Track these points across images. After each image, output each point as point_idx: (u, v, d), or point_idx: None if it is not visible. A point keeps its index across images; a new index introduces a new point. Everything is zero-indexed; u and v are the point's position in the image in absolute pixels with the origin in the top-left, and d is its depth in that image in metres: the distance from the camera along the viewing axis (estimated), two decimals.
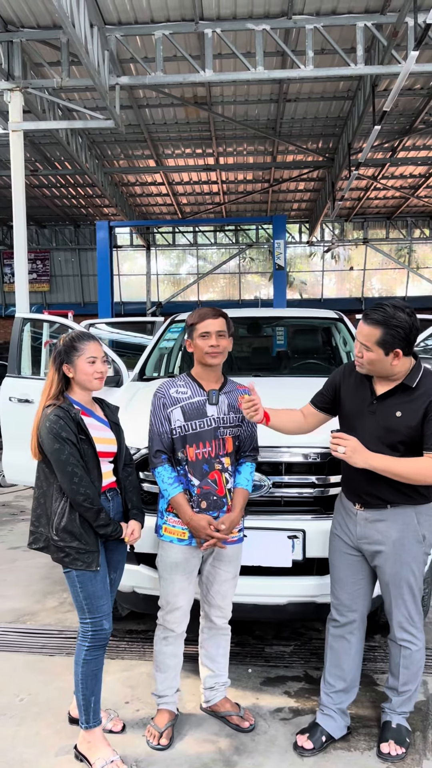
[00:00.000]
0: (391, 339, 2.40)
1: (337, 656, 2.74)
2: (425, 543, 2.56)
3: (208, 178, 15.50)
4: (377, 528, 2.56)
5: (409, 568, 2.55)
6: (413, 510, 2.53)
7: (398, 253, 20.60)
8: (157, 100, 10.97)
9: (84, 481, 2.47)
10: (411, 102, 11.15)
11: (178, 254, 21.47)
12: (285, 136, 12.65)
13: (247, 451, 2.81)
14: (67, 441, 2.46)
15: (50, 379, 2.62)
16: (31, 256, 20.36)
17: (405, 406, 2.47)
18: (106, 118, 8.91)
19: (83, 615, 2.57)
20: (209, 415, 2.69)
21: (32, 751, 2.67)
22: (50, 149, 13.27)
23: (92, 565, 2.51)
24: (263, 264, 20.73)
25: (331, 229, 20.38)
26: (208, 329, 2.67)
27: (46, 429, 2.48)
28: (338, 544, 2.72)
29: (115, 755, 2.54)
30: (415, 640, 2.62)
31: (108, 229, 14.14)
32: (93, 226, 14.89)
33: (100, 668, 2.61)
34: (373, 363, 2.47)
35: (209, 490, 2.68)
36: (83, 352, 2.59)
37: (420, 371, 2.50)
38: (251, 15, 8.19)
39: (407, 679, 2.65)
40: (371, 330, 2.42)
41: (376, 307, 2.45)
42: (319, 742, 2.66)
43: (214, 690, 2.90)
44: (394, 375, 2.50)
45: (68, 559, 2.51)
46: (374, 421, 2.53)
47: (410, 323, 2.40)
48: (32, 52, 8.91)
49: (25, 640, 3.68)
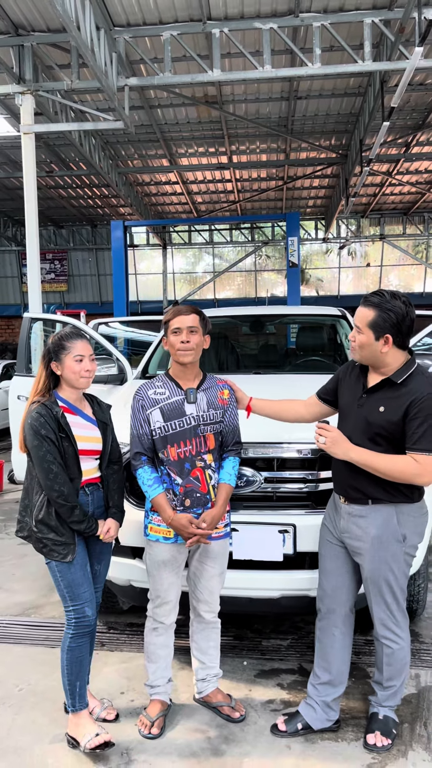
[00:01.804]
0: (382, 322, 2.44)
1: (324, 649, 2.78)
2: (405, 543, 2.56)
3: (222, 176, 15.54)
4: (358, 523, 2.59)
5: (388, 567, 2.56)
6: (394, 509, 2.54)
7: (415, 249, 20.43)
8: (169, 100, 11.04)
9: (59, 477, 2.54)
10: (423, 97, 11.07)
11: (194, 252, 21.53)
12: (297, 133, 12.64)
13: (230, 446, 2.84)
14: (46, 438, 2.54)
15: (38, 376, 2.70)
16: (50, 257, 20.60)
17: (389, 401, 2.49)
18: (116, 120, 9.00)
19: (66, 603, 2.66)
20: (188, 414, 2.72)
21: (27, 738, 2.75)
22: (65, 150, 13.42)
23: (67, 556, 2.59)
24: (279, 261, 20.69)
25: (347, 226, 20.29)
26: (179, 325, 2.70)
27: (28, 425, 2.58)
28: (325, 534, 2.77)
29: (101, 730, 2.63)
30: (397, 638, 2.64)
31: (123, 228, 14.28)
32: (109, 225, 15.00)
33: (85, 655, 2.70)
34: (363, 347, 2.51)
35: (192, 487, 2.72)
36: (71, 350, 2.66)
37: (411, 368, 2.51)
38: (259, 14, 8.22)
39: (391, 675, 2.68)
40: (366, 312, 2.48)
41: (375, 292, 2.52)
42: (293, 728, 2.73)
43: (206, 681, 2.96)
44: (384, 365, 2.52)
45: (45, 549, 2.61)
46: (360, 414, 2.57)
47: (404, 311, 2.44)
48: (43, 55, 9.04)
49: (28, 633, 3.78)
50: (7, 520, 6.32)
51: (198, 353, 2.76)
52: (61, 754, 2.65)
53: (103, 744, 2.59)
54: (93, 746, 2.58)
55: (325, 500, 3.06)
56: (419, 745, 2.68)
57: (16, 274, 21.16)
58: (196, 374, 2.81)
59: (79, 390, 2.74)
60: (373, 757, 2.60)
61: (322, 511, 3.03)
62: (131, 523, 3.07)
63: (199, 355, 2.78)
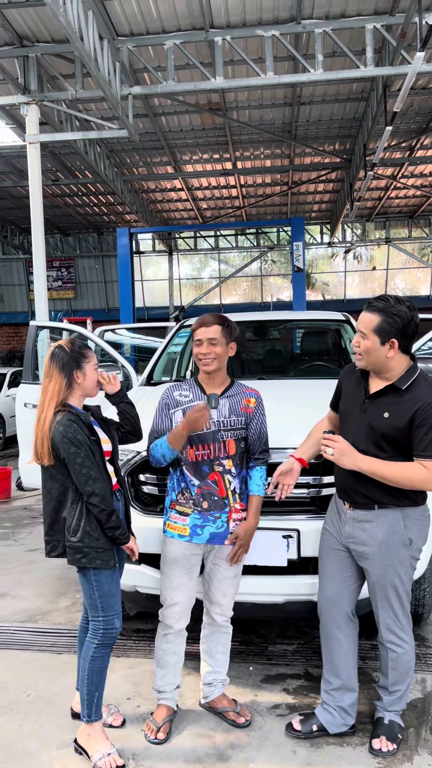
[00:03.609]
0: (388, 327, 2.45)
1: (330, 653, 2.78)
2: (412, 547, 2.58)
3: (227, 182, 15.60)
4: (364, 528, 2.59)
5: (395, 571, 2.57)
6: (400, 512, 2.55)
7: (421, 252, 20.41)
8: (173, 108, 11.10)
9: (99, 483, 2.55)
10: (426, 101, 11.09)
11: (200, 258, 21.59)
12: (301, 138, 12.68)
13: (257, 454, 2.87)
14: (84, 444, 2.55)
15: (58, 386, 2.63)
16: (56, 264, 20.71)
17: (393, 407, 2.50)
18: (120, 128, 9.07)
19: (96, 613, 2.64)
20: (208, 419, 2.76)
21: (34, 744, 2.77)
22: (70, 159, 13.51)
23: (110, 562, 2.60)
24: (285, 266, 20.70)
25: (352, 230, 20.30)
26: (199, 337, 2.76)
27: (60, 434, 2.53)
28: (328, 540, 2.77)
29: (112, 748, 2.63)
30: (402, 642, 2.64)
31: (128, 235, 14.33)
32: (115, 233, 15.07)
33: (106, 665, 2.69)
34: (369, 352, 2.51)
35: (210, 490, 2.77)
36: (90, 358, 2.71)
37: (414, 374, 2.52)
38: (261, 21, 8.27)
39: (396, 679, 2.68)
40: (371, 317, 2.49)
41: (379, 297, 2.52)
42: (308, 729, 2.73)
43: (213, 686, 2.97)
44: (389, 370, 2.53)
45: (86, 559, 2.57)
46: (364, 420, 2.57)
47: (409, 315, 2.45)
48: (48, 66, 9.13)
49: (35, 639, 3.80)
50: (16, 527, 6.36)
51: (221, 361, 2.79)
52: (67, 759, 2.67)
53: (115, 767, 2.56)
54: (105, 767, 2.56)
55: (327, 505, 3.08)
56: (425, 749, 2.68)
57: (24, 282, 21.29)
58: (222, 381, 2.85)
59: (90, 397, 2.78)
60: (379, 761, 2.60)
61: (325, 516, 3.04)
62: (137, 530, 3.09)
63: (224, 362, 2.81)
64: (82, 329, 5.70)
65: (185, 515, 2.79)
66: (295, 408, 3.66)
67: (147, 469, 3.32)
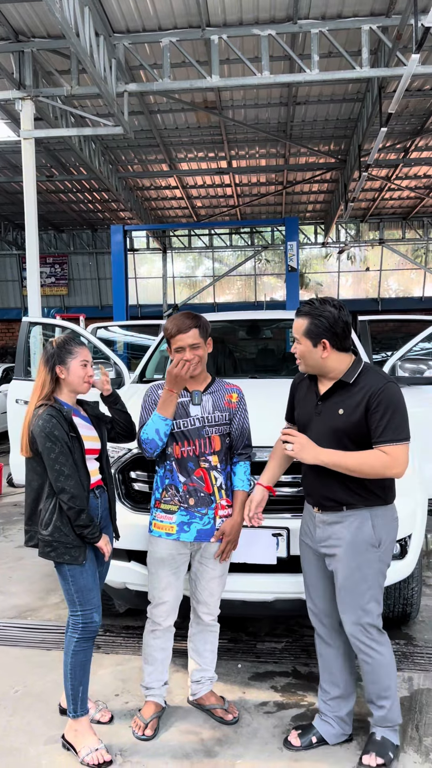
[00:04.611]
0: (315, 329, 2.49)
1: (326, 662, 2.75)
2: (381, 549, 2.53)
3: (222, 181, 15.60)
4: (333, 530, 2.56)
5: (361, 574, 2.51)
6: (369, 512, 2.52)
7: (415, 254, 20.48)
8: (168, 106, 11.09)
9: (71, 480, 2.56)
10: (421, 102, 11.13)
11: (194, 257, 21.59)
12: (296, 138, 12.69)
13: (240, 449, 2.88)
14: (60, 440, 2.56)
15: (42, 380, 2.72)
16: (50, 261, 20.66)
17: (346, 402, 2.51)
18: (115, 125, 9.05)
19: (74, 608, 2.66)
20: (192, 415, 2.78)
21: (22, 739, 2.78)
22: (65, 155, 13.48)
23: (78, 558, 2.60)
24: (279, 265, 20.74)
25: (346, 230, 20.35)
26: (180, 344, 2.72)
27: (39, 428, 2.57)
28: (305, 550, 2.74)
29: (100, 744, 2.63)
30: (373, 653, 2.55)
31: (123, 233, 14.32)
32: (109, 230, 15.05)
33: (89, 659, 2.71)
34: (304, 356, 2.56)
35: (196, 487, 2.77)
36: (77, 355, 2.71)
37: (359, 367, 2.55)
38: (257, 20, 8.27)
39: (379, 693, 2.59)
40: (299, 321, 2.55)
41: (306, 301, 2.59)
42: (307, 742, 2.68)
43: (201, 684, 2.98)
44: (330, 371, 2.55)
45: (55, 553, 2.60)
46: (320, 422, 2.57)
47: (335, 315, 2.49)
48: (43, 61, 9.10)
49: (24, 635, 3.80)
50: (6, 523, 6.35)
51: (203, 362, 2.80)
52: (55, 755, 2.67)
53: (101, 763, 2.58)
54: (92, 762, 2.57)
55: None
56: (410, 747, 2.70)
57: (17, 277, 21.23)
58: (204, 378, 2.86)
59: (79, 394, 2.78)
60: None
61: None
62: (127, 527, 3.11)
63: (205, 362, 2.82)
64: (75, 326, 5.69)
65: (171, 513, 2.80)
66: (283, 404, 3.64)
67: (137, 466, 3.33)
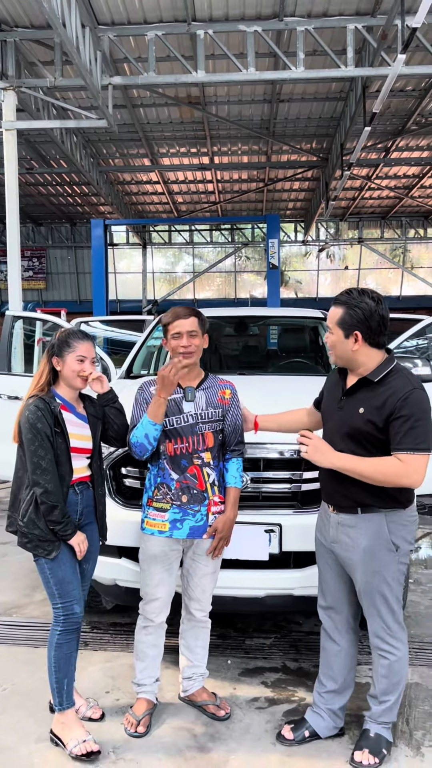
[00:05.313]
0: (350, 319, 2.42)
1: (328, 657, 2.74)
2: (398, 552, 2.48)
3: (203, 177, 15.58)
4: (348, 534, 2.51)
5: (382, 578, 2.48)
6: (384, 517, 2.46)
7: (393, 253, 20.69)
8: (152, 100, 11.04)
9: (47, 474, 2.54)
10: (403, 103, 11.23)
11: (174, 252, 21.54)
12: (279, 136, 12.72)
13: (233, 446, 2.86)
14: (41, 432, 2.54)
15: (41, 371, 2.72)
16: (28, 254, 20.43)
17: (368, 402, 2.42)
18: (99, 118, 8.98)
19: (54, 600, 2.66)
20: (186, 412, 2.76)
21: (12, 738, 2.74)
22: (45, 148, 13.33)
23: (51, 553, 2.59)
24: (259, 263, 20.80)
25: (326, 229, 20.46)
26: (179, 329, 2.72)
27: (24, 418, 2.58)
28: (319, 546, 2.72)
29: (87, 735, 2.63)
30: (394, 650, 2.54)
31: (103, 227, 14.24)
32: (89, 224, 14.96)
33: (73, 651, 2.70)
34: (335, 346, 2.50)
35: (189, 484, 2.75)
36: (75, 349, 2.67)
37: (389, 367, 2.45)
38: (243, 16, 8.27)
39: (387, 688, 2.58)
40: (335, 310, 2.48)
41: (345, 291, 2.51)
42: (300, 736, 2.69)
43: (192, 680, 2.97)
44: (359, 365, 2.48)
45: (30, 545, 2.60)
46: (340, 418, 2.51)
47: (372, 307, 2.41)
48: (26, 52, 8.98)
49: (11, 633, 3.76)
50: None
51: (199, 354, 2.79)
52: (47, 753, 2.65)
53: (89, 753, 2.57)
54: (80, 753, 2.57)
55: (311, 500, 3.11)
56: (402, 741, 2.72)
57: None
58: (197, 374, 2.85)
59: (76, 389, 2.75)
60: None
61: (308, 510, 3.07)
62: (118, 523, 3.08)
63: (200, 355, 2.81)
64: (59, 320, 5.63)
65: (163, 511, 2.78)
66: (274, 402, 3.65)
67: (129, 462, 3.30)
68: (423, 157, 14.04)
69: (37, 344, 7.70)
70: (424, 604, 4.12)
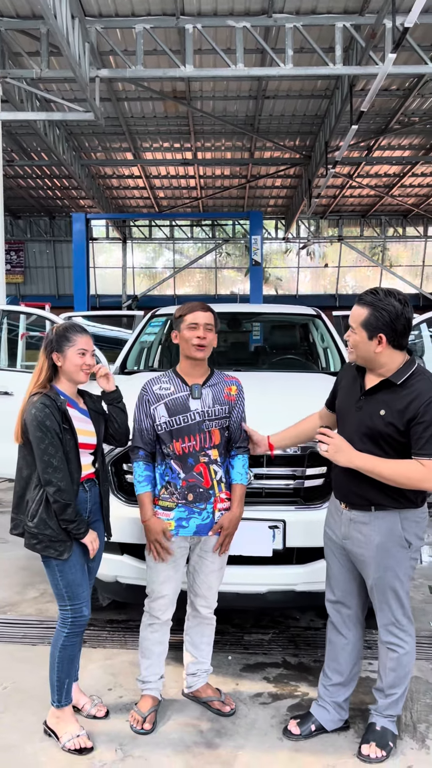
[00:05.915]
0: (375, 321, 2.37)
1: (335, 650, 2.75)
2: (411, 548, 2.49)
3: (186, 172, 15.53)
4: (361, 530, 2.51)
5: (394, 573, 2.49)
6: (398, 515, 2.46)
7: (372, 251, 20.86)
8: (136, 94, 10.96)
9: (59, 472, 2.50)
10: (387, 102, 11.31)
11: (154, 248, 21.45)
12: (263, 132, 12.73)
13: (239, 442, 2.85)
14: (51, 430, 2.50)
15: (39, 367, 2.66)
16: (5, 247, 20.13)
17: (389, 404, 2.39)
18: (85, 111, 8.89)
19: (63, 602, 2.62)
20: (192, 410, 2.74)
21: (16, 736, 2.71)
22: (27, 139, 13.16)
23: (63, 554, 2.55)
24: (239, 259, 20.83)
25: (306, 226, 20.55)
26: (196, 321, 2.71)
27: (31, 416, 2.52)
28: (328, 542, 2.72)
29: (81, 730, 2.63)
30: (403, 643, 2.56)
31: (84, 221, 14.12)
32: (69, 217, 14.83)
33: (77, 652, 2.70)
34: (357, 346, 2.44)
35: (195, 482, 2.73)
36: (75, 343, 2.63)
37: (411, 369, 2.42)
38: (232, 12, 8.25)
39: (394, 682, 2.60)
40: (359, 310, 2.42)
41: (370, 290, 2.44)
42: (307, 730, 2.70)
43: (197, 676, 2.97)
44: (380, 366, 2.44)
45: (40, 546, 2.55)
46: (359, 418, 2.48)
47: (399, 310, 2.36)
48: (10, 41, 8.84)
49: (6, 631, 3.71)
50: None
51: (209, 351, 2.77)
52: (53, 751, 2.62)
53: (82, 748, 2.58)
54: (72, 747, 2.57)
55: (314, 496, 3.12)
56: (406, 734, 2.75)
57: None
58: (203, 371, 2.82)
59: (77, 384, 2.71)
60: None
61: (311, 506, 3.08)
62: (120, 519, 3.06)
63: (210, 353, 2.79)
64: (49, 314, 5.58)
65: (169, 510, 2.76)
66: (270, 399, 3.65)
67: (129, 459, 3.27)
68: (404, 156, 14.18)
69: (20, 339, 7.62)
70: (417, 599, 4.16)
